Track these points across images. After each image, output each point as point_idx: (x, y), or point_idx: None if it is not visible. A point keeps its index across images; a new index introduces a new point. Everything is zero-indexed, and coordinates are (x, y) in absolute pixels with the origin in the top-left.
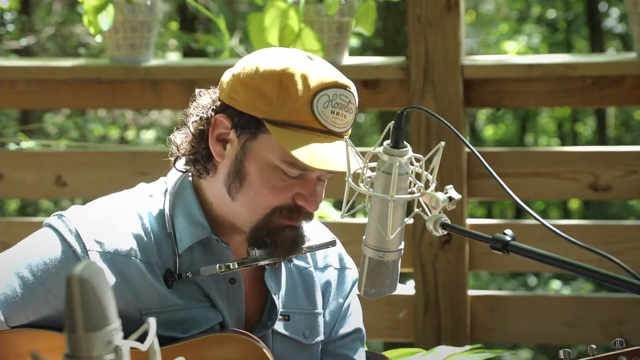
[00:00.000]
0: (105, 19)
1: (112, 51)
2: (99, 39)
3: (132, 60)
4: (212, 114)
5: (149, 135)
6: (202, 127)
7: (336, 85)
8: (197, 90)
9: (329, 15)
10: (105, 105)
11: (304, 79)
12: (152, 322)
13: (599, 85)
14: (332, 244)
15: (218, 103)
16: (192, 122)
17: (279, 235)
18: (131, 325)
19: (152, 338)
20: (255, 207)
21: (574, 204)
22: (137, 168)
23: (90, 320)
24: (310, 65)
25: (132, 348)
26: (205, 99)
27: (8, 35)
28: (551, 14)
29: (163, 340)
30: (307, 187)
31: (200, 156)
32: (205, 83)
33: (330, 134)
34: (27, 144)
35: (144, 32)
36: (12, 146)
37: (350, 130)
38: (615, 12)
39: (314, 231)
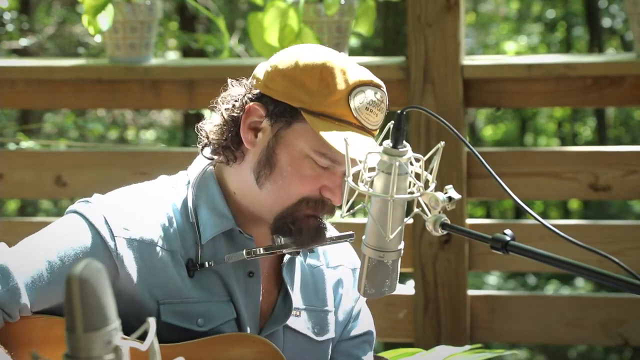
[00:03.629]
0: (105, 19)
1: (112, 51)
2: (98, 39)
3: (131, 60)
4: (247, 101)
5: (148, 135)
6: (234, 114)
7: (372, 84)
8: (229, 80)
9: (329, 15)
10: (105, 105)
11: (343, 73)
12: (151, 322)
13: (599, 85)
14: (351, 236)
15: (254, 91)
16: (225, 109)
17: (304, 223)
18: (147, 314)
19: (151, 338)
20: (283, 195)
21: (574, 204)
22: (137, 168)
23: (90, 320)
24: (347, 62)
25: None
26: (237, 89)
27: (7, 35)
28: (550, 13)
29: (177, 333)
30: (334, 180)
31: (230, 142)
32: (205, 83)
33: (362, 130)
34: (27, 144)
35: (144, 32)
36: (12, 146)
37: (378, 130)
38: (615, 9)
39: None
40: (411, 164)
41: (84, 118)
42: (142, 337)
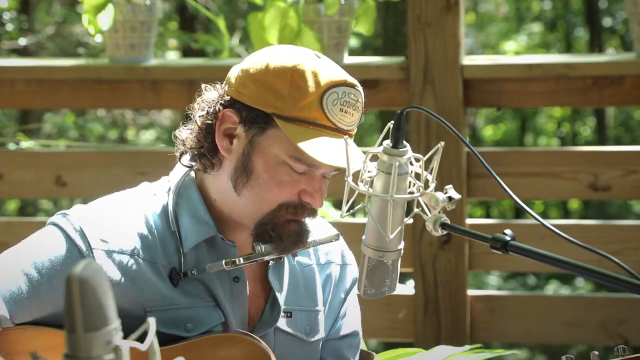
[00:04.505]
0: (105, 19)
1: (112, 51)
2: (98, 38)
3: (131, 60)
4: (220, 108)
5: (148, 135)
6: (208, 121)
7: (345, 84)
8: (203, 85)
9: (329, 15)
10: (105, 105)
11: (315, 75)
12: (151, 322)
13: (598, 85)
14: (336, 237)
15: (226, 97)
16: (199, 116)
17: (284, 228)
18: (136, 323)
19: (151, 338)
20: (261, 202)
21: (574, 204)
22: (136, 168)
23: (90, 320)
24: (319, 63)
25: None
26: (211, 94)
27: (7, 35)
28: (550, 13)
29: (166, 339)
30: (313, 183)
31: (206, 150)
32: (205, 83)
33: (338, 132)
34: (27, 143)
35: (144, 32)
36: (12, 146)
37: (355, 130)
38: (615, 9)
39: (317, 227)
40: (411, 164)
41: (84, 118)
42: (141, 339)
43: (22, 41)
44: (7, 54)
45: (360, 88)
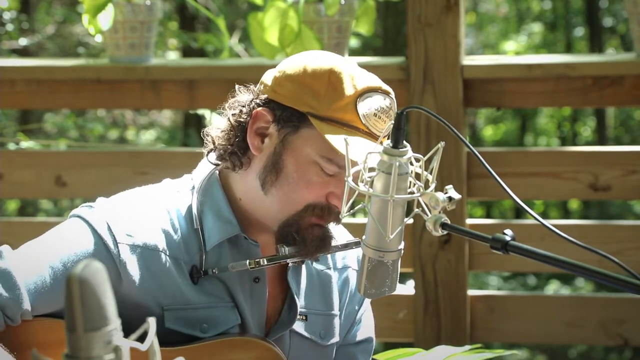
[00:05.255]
0: (105, 19)
1: (112, 51)
2: (98, 38)
3: (131, 60)
4: (255, 106)
5: (148, 135)
6: (241, 120)
7: (380, 90)
8: (236, 86)
9: (329, 15)
10: (105, 105)
11: (352, 79)
12: (151, 322)
13: (598, 85)
14: (357, 244)
15: (262, 97)
16: (232, 115)
17: (308, 232)
18: None
19: (151, 338)
20: (289, 202)
21: (574, 204)
22: (137, 168)
23: (90, 320)
24: (355, 68)
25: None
26: (244, 96)
27: (7, 35)
28: (551, 13)
29: (181, 339)
30: (341, 186)
31: (237, 148)
32: (205, 83)
33: (370, 136)
34: (27, 143)
35: (144, 32)
36: (12, 146)
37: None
38: (615, 9)
39: (336, 232)
40: (411, 164)
41: (84, 118)
42: (142, 339)
43: (22, 41)
44: (7, 54)
45: (393, 96)
